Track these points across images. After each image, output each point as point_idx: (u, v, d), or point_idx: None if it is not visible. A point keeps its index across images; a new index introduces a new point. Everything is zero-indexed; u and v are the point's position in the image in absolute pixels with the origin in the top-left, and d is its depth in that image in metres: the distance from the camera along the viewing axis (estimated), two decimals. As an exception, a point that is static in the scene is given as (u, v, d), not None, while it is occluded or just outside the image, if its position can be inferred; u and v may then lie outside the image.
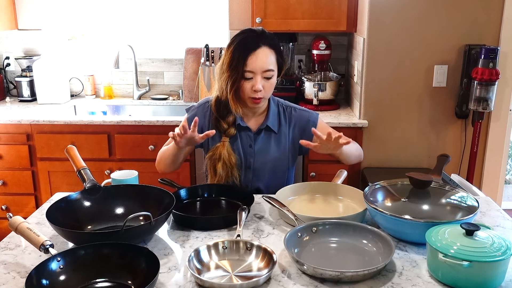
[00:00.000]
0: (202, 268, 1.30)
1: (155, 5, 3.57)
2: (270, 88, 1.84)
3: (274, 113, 1.94)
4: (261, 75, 1.79)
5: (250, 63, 1.77)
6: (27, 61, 3.50)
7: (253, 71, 1.78)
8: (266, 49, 1.80)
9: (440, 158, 1.81)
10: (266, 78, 1.80)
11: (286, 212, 1.52)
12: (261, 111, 1.93)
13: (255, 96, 1.80)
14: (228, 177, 1.87)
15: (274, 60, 1.82)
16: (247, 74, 1.78)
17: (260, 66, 1.78)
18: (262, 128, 1.91)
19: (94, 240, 1.34)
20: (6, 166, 3.07)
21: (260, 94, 1.80)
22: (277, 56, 1.84)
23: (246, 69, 1.78)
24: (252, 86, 1.79)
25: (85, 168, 1.62)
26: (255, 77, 1.79)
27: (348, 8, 3.04)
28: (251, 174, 1.93)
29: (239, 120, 1.89)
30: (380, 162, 3.02)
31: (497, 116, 2.96)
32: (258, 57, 1.78)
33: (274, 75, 1.83)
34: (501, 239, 1.25)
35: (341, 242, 1.43)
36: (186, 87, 3.45)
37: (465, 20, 2.81)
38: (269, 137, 1.93)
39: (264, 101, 1.87)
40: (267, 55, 1.79)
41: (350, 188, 1.77)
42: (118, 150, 3.02)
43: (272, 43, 1.83)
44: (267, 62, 1.79)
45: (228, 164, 1.86)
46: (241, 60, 1.77)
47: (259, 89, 1.78)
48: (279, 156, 1.93)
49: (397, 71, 2.90)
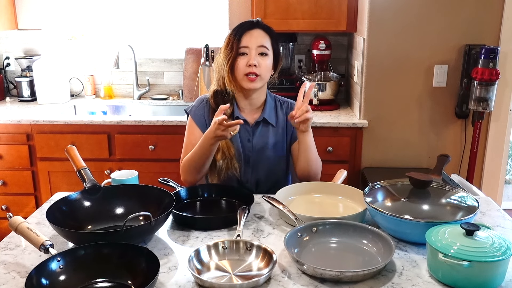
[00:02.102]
0: (202, 268, 1.30)
1: (155, 5, 3.57)
2: (265, 67, 1.85)
3: (271, 107, 1.97)
4: (256, 50, 1.83)
5: (244, 39, 1.83)
6: (27, 61, 3.50)
7: (248, 45, 1.83)
8: (261, 31, 1.86)
9: (440, 158, 1.81)
10: (261, 54, 1.84)
11: (286, 212, 1.52)
12: (259, 104, 1.95)
13: (250, 71, 1.82)
14: (228, 169, 1.88)
15: (269, 42, 1.87)
16: (242, 49, 1.83)
17: (254, 42, 1.83)
18: (260, 120, 1.93)
19: (94, 240, 1.34)
20: (6, 166, 3.07)
21: (255, 69, 1.82)
22: (272, 41, 1.88)
23: (240, 45, 1.83)
24: (247, 62, 1.82)
25: (85, 168, 1.62)
26: (250, 52, 1.83)
27: (348, 8, 3.04)
28: (250, 168, 1.94)
29: (237, 113, 1.91)
30: (380, 162, 3.02)
31: (497, 116, 2.96)
32: (253, 34, 1.84)
33: (269, 56, 1.86)
34: (501, 239, 1.25)
35: (341, 242, 1.43)
36: (186, 87, 3.45)
37: (465, 20, 2.81)
38: (267, 130, 1.95)
39: (260, 83, 1.87)
40: (262, 35, 1.86)
41: (350, 188, 1.77)
42: (118, 150, 3.02)
43: (268, 29, 1.89)
44: (262, 40, 1.85)
45: (228, 155, 1.87)
46: (237, 38, 1.83)
47: (253, 64, 1.81)
48: (278, 149, 1.95)
49: (397, 71, 2.90)
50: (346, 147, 2.96)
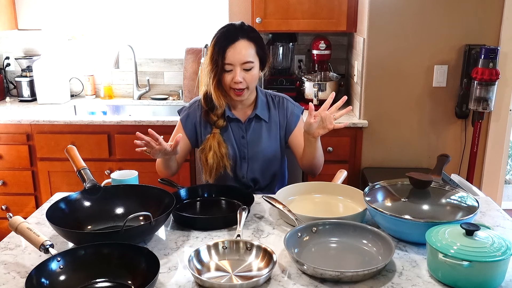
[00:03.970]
0: (202, 268, 1.30)
1: (155, 5, 3.57)
2: (252, 79, 1.87)
3: (262, 103, 1.98)
4: (240, 67, 1.83)
5: (228, 56, 1.82)
6: (27, 61, 3.50)
7: (232, 63, 1.83)
8: (244, 41, 1.84)
9: (440, 158, 1.81)
10: (245, 70, 1.84)
11: (287, 212, 1.52)
12: (250, 102, 1.97)
13: (235, 87, 1.85)
14: (219, 167, 1.91)
15: (253, 52, 1.86)
16: (227, 66, 1.83)
17: (238, 59, 1.82)
18: (252, 117, 1.96)
19: (94, 240, 1.34)
20: (6, 166, 3.07)
21: (241, 85, 1.84)
22: (257, 48, 1.87)
23: (225, 62, 1.83)
24: (233, 78, 1.83)
25: (85, 168, 1.62)
26: (235, 69, 1.83)
27: (348, 8, 3.04)
28: (246, 163, 1.97)
29: (228, 112, 1.94)
30: (380, 162, 3.02)
31: (497, 116, 2.96)
32: (236, 49, 1.82)
33: (255, 67, 1.87)
34: (501, 239, 1.25)
35: (341, 242, 1.43)
36: (186, 87, 3.45)
37: (465, 20, 2.81)
38: (260, 126, 1.97)
39: (248, 93, 1.90)
40: (246, 47, 1.84)
41: (350, 188, 1.77)
42: (118, 150, 3.02)
43: (251, 36, 1.87)
44: (246, 55, 1.83)
45: (218, 154, 1.90)
46: (220, 53, 1.82)
47: (238, 81, 1.83)
48: (272, 144, 1.98)
49: (397, 71, 2.90)
50: (346, 147, 2.96)
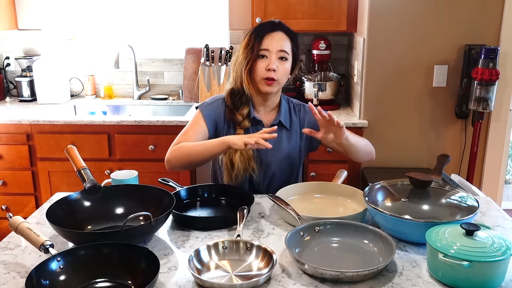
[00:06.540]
0: (202, 268, 1.30)
1: (155, 5, 3.57)
2: (284, 72, 1.83)
3: (285, 109, 1.94)
4: (276, 54, 1.80)
5: (265, 42, 1.80)
6: (27, 61, 3.50)
7: (268, 49, 1.80)
8: (282, 34, 1.83)
9: (440, 158, 1.81)
10: (280, 59, 1.81)
11: (290, 211, 1.51)
12: (273, 105, 1.93)
13: (268, 76, 1.80)
14: (246, 170, 1.84)
15: (290, 46, 1.84)
16: (262, 52, 1.80)
17: (276, 45, 1.80)
18: (275, 123, 1.89)
19: (94, 240, 1.34)
20: (6, 166, 3.07)
21: (274, 74, 1.80)
22: (293, 45, 1.85)
23: (261, 47, 1.80)
24: (267, 66, 1.79)
25: (85, 168, 1.62)
26: (270, 56, 1.80)
27: (348, 8, 3.04)
28: (263, 171, 1.91)
29: (253, 113, 1.88)
30: (380, 162, 3.02)
31: (497, 116, 2.96)
32: (274, 37, 1.81)
33: (289, 61, 1.84)
34: (501, 239, 1.25)
35: (342, 242, 1.43)
36: (186, 87, 3.45)
37: (465, 20, 2.81)
38: (281, 133, 1.90)
39: (277, 87, 1.85)
40: (283, 38, 1.83)
41: (350, 188, 1.77)
42: (118, 150, 3.02)
43: (289, 31, 1.86)
44: (283, 44, 1.82)
45: (246, 156, 1.83)
46: (258, 39, 1.80)
47: (273, 68, 1.79)
48: (291, 152, 1.92)
49: (397, 71, 2.90)
50: (346, 147, 2.96)
